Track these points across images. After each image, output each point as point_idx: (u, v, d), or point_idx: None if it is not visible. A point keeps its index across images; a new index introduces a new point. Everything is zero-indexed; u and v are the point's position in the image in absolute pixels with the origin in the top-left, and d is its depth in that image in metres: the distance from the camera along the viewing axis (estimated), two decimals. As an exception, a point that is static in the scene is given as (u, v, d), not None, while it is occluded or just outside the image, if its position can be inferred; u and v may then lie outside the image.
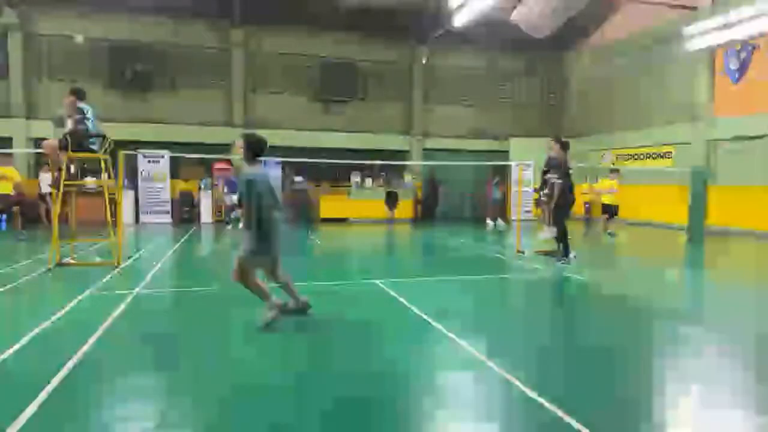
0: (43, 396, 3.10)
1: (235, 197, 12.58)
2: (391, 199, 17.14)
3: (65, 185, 7.51)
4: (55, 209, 7.63)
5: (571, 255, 8.60)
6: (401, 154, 19.14)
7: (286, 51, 17.89)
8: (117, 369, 3.61)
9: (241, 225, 12.53)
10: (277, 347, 4.17)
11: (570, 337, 4.73)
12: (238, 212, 12.70)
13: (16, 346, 4.00)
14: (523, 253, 9.82)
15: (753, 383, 3.57)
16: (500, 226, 16.22)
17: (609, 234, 12.74)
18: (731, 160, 14.36)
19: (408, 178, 18.78)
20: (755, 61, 13.63)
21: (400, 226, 16.37)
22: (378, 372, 3.63)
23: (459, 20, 15.47)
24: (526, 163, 15.44)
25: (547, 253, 9.48)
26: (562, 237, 8.62)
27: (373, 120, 18.91)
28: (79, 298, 5.65)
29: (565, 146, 8.81)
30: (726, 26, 12.77)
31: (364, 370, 3.65)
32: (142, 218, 16.09)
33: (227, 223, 14.66)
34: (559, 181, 8.52)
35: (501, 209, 17.27)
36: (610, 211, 12.82)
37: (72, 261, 7.94)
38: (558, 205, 8.62)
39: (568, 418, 2.88)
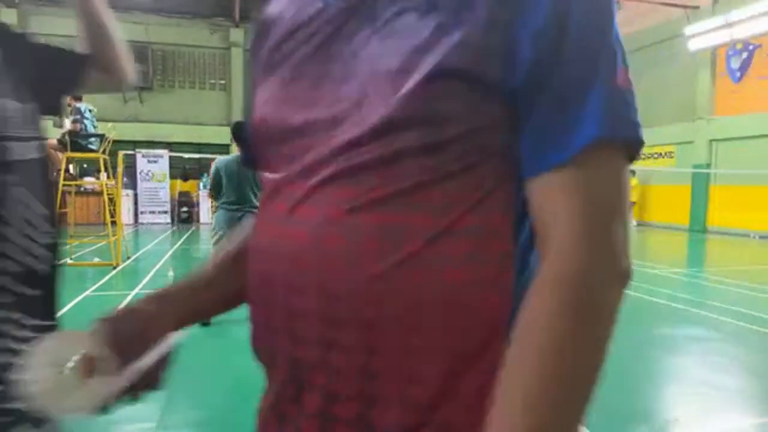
0: (40, 398, 3.05)
1: None
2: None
3: (64, 185, 7.48)
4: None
5: None
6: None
7: (286, 51, 17.85)
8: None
9: None
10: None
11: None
12: None
13: (14, 348, 3.95)
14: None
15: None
16: None
17: None
18: (732, 159, 14.28)
19: None
20: (757, 60, 13.56)
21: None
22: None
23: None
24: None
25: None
26: None
27: (373, 120, 18.86)
28: (78, 299, 5.61)
29: None
30: (728, 25, 12.72)
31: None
32: (141, 218, 16.04)
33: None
34: None
35: None
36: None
37: (70, 261, 7.90)
38: None
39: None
